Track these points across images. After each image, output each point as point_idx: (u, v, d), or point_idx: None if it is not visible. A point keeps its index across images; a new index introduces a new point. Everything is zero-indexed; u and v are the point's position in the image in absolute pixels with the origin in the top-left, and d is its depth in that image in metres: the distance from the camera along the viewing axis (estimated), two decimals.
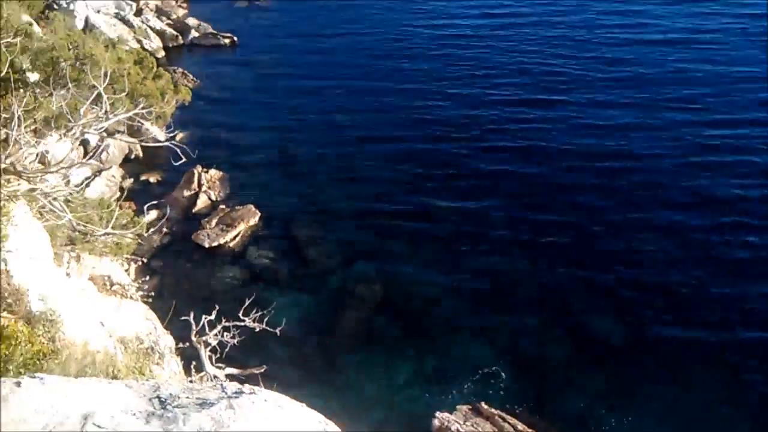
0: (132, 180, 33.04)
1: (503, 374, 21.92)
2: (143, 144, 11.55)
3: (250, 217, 30.12)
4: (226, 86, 40.66)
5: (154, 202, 16.09)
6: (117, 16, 46.39)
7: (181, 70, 41.69)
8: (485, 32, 43.05)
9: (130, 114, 9.14)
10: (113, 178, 32.60)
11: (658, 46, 42.08)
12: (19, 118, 7.00)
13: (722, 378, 21.92)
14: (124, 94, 10.10)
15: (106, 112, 8.26)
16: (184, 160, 10.38)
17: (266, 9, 50.81)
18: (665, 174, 31.09)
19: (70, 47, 12.09)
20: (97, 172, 30.27)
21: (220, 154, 33.93)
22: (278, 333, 13.22)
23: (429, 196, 30.44)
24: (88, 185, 28.84)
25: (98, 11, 46.21)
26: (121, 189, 32.28)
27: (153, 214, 30.44)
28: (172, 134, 10.35)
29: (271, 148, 34.59)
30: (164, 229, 29.11)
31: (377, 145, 33.79)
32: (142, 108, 9.57)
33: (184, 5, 52.24)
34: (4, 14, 11.40)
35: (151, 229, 20.14)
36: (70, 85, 9.49)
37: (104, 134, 8.87)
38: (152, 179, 33.24)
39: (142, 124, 11.86)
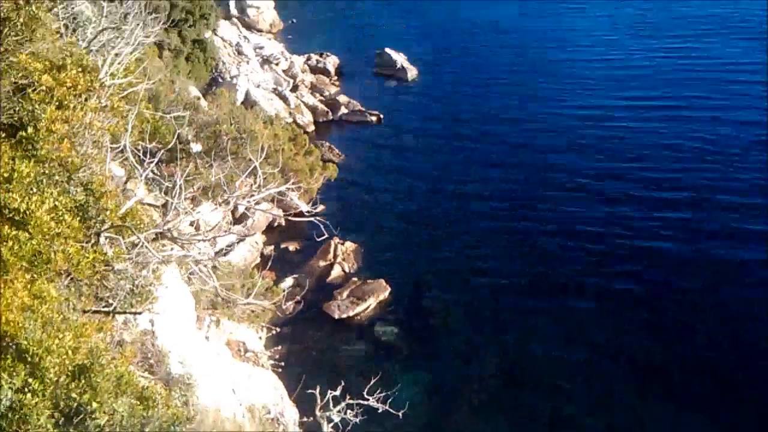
0: (273, 247, 34.39)
1: None
2: (288, 217, 12.02)
3: (381, 292, 30.40)
4: (369, 161, 41.91)
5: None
6: (275, 91, 49.37)
7: (328, 144, 43.50)
8: (642, 124, 42.03)
9: (282, 189, 9.57)
10: (256, 244, 34.11)
11: None
12: (180, 186, 7.51)
13: None
14: (277, 169, 10.63)
15: (259, 186, 8.72)
16: (325, 235, 10.70)
17: (413, 89, 52.37)
18: None
19: (232, 122, 12.95)
20: (242, 238, 31.78)
21: (357, 226, 34.75)
22: (401, 416, 13.04)
23: (561, 282, 29.71)
24: (232, 249, 30.36)
25: (258, 86, 49.44)
26: (262, 255, 33.76)
27: (289, 282, 31.51)
28: (315, 209, 10.71)
29: (406, 224, 35.07)
30: (298, 297, 29.90)
31: (510, 226, 33.60)
32: (292, 183, 10.00)
33: (337, 83, 54.88)
34: (176, 89, 12.52)
35: (286, 297, 20.80)
36: (228, 157, 10.12)
37: (254, 206, 9.37)
38: (291, 247, 34.47)
39: (290, 197, 12.35)
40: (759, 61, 48.44)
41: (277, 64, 54.27)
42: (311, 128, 47.10)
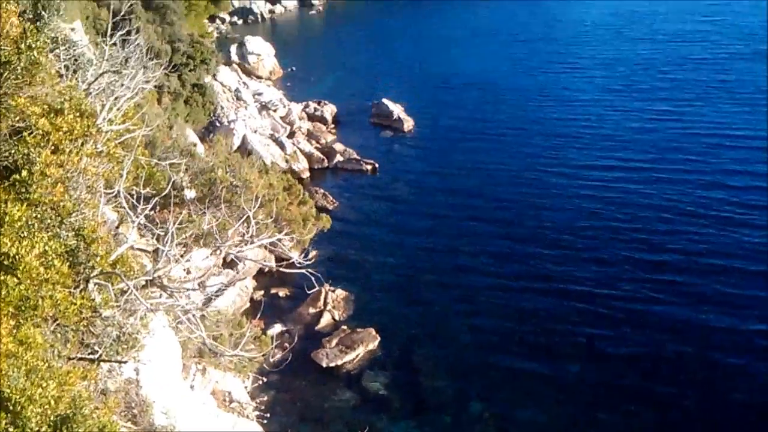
0: (263, 292, 34.20)
1: None
2: (279, 268, 11.91)
3: (370, 341, 30.15)
4: (362, 210, 42.01)
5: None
6: (272, 137, 49.72)
7: (323, 191, 43.66)
8: (637, 186, 41.98)
9: (273, 239, 9.54)
10: (246, 289, 33.89)
11: None
12: (172, 234, 7.47)
13: None
14: (271, 219, 10.62)
15: (252, 236, 8.69)
16: (316, 288, 10.65)
17: (409, 140, 52.77)
18: None
19: (228, 170, 13.00)
20: (232, 283, 31.58)
21: (348, 274, 34.67)
22: None
23: (552, 342, 29.42)
24: (221, 294, 30.16)
25: (255, 131, 49.81)
26: (252, 300, 33.56)
27: (278, 328, 31.22)
28: (308, 260, 10.65)
29: (397, 274, 34.97)
30: (286, 344, 29.58)
31: (501, 282, 33.37)
32: (285, 234, 9.98)
33: (333, 131, 55.35)
34: (174, 135, 12.59)
35: (275, 344, 20.55)
36: (222, 205, 10.12)
37: (246, 257, 9.31)
38: (282, 293, 34.27)
39: (282, 247, 12.27)
40: (754, 125, 49.02)
41: (275, 111, 54.78)
42: (306, 175, 47.32)
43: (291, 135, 52.16)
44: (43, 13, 18.75)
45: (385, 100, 56.26)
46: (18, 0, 19.72)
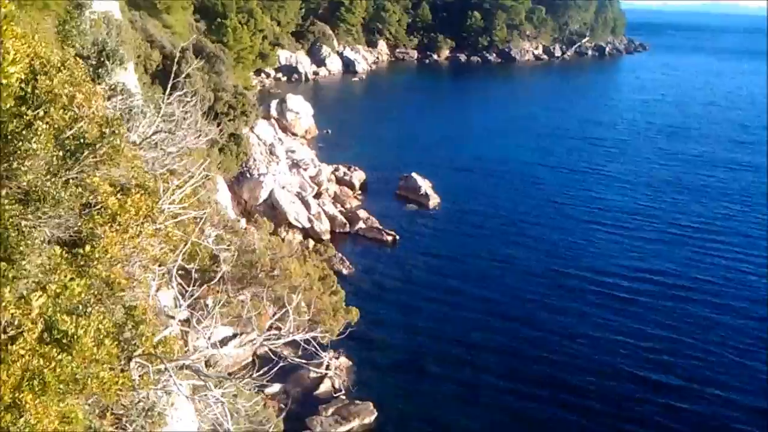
0: (266, 348, 34.14)
1: None
2: (307, 365, 12.05)
3: (367, 416, 29.92)
4: (376, 281, 42.20)
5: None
6: (298, 194, 50.49)
7: (341, 255, 44.02)
8: (665, 304, 41.28)
9: (308, 337, 9.83)
10: (251, 343, 33.90)
11: None
12: (210, 314, 7.78)
13: None
14: (308, 316, 10.90)
15: (289, 330, 8.97)
16: (323, 358, 10.84)
17: (433, 217, 53.29)
18: None
19: (270, 253, 13.37)
20: (237, 334, 31.68)
21: (352, 343, 34.47)
22: None
23: None
24: (225, 344, 30.24)
25: (283, 187, 50.65)
26: (255, 354, 33.55)
27: (276, 388, 31.12)
28: (327, 365, 10.88)
29: (401, 352, 34.84)
30: (282, 405, 29.44)
31: (506, 384, 32.89)
32: (311, 320, 10.23)
33: (359, 197, 56.13)
34: (223, 211, 13.07)
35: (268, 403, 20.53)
36: (262, 290, 10.42)
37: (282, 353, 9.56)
38: (285, 351, 34.18)
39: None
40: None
41: (305, 170, 55.76)
42: (327, 237, 47.84)
43: (317, 195, 52.96)
44: (106, 62, 19.64)
45: (414, 174, 57.11)
46: (83, 45, 20.65)
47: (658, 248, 48.60)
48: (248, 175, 51.17)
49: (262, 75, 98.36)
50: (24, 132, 5.90)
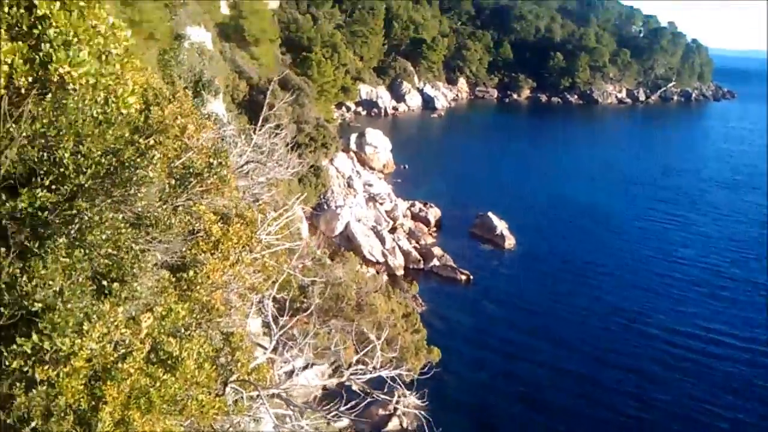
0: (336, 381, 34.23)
1: None
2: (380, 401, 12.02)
3: None
4: (448, 319, 41.83)
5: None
6: (373, 228, 50.86)
7: (413, 292, 43.91)
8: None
9: (393, 374, 9.87)
10: (321, 375, 34.11)
11: None
12: (301, 349, 7.93)
13: None
14: (392, 354, 10.97)
15: (375, 367, 9.05)
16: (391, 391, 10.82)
17: (508, 259, 52.65)
18: None
19: (356, 288, 13.56)
20: (309, 364, 31.91)
21: (424, 383, 34.15)
22: None
23: None
24: (296, 374, 30.50)
25: (359, 220, 51.14)
26: (325, 388, 33.66)
27: (344, 423, 31.10)
28: (397, 402, 10.84)
29: (471, 395, 34.28)
30: None
31: (582, 426, 31.98)
32: (395, 358, 10.28)
33: (434, 234, 56.06)
34: (313, 243, 13.29)
35: None
36: (348, 323, 10.55)
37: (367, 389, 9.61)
38: (355, 386, 34.22)
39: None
40: None
41: (381, 204, 56.22)
42: (401, 272, 47.89)
43: (392, 230, 53.21)
44: (203, 92, 20.35)
45: (490, 214, 56.72)
46: (180, 75, 21.45)
47: (744, 314, 46.01)
48: (325, 206, 51.91)
49: (343, 108, 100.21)
50: (139, 160, 6.21)
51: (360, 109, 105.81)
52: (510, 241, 54.44)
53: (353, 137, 71.49)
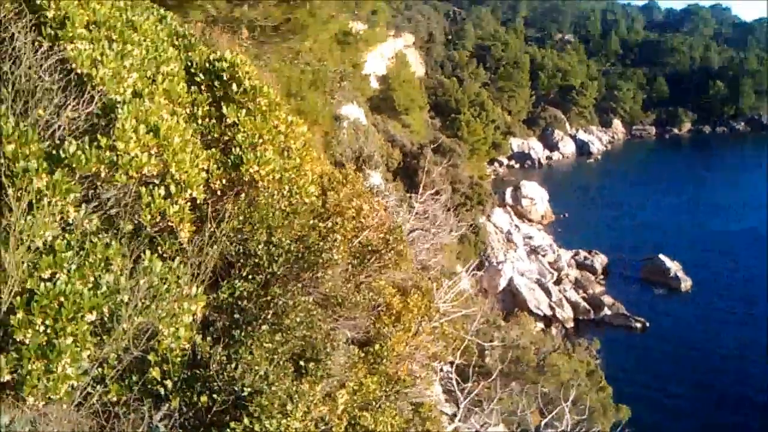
0: None
1: None
2: None
3: None
4: (627, 371, 39.73)
5: None
6: (538, 282, 49.86)
7: (586, 344, 42.24)
8: None
9: None
10: None
11: None
12: (486, 410, 7.97)
13: None
14: (583, 417, 10.69)
15: (565, 430, 8.89)
16: None
17: (686, 303, 49.56)
18: None
19: (534, 348, 13.45)
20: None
21: None
22: None
23: None
24: None
25: (522, 274, 50.37)
26: None
27: None
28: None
29: None
30: None
31: None
32: (583, 419, 9.99)
33: (602, 282, 53.99)
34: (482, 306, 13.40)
35: None
36: (529, 385, 10.44)
37: None
38: None
39: None
40: None
41: (543, 256, 55.14)
42: (571, 324, 46.42)
43: (558, 282, 51.86)
44: (364, 167, 21.31)
45: (661, 256, 53.92)
46: (342, 153, 22.59)
47: None
48: (486, 263, 51.65)
49: (495, 164, 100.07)
50: (322, 243, 6.68)
51: (513, 162, 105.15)
52: (686, 283, 51.27)
53: (508, 191, 71.03)
